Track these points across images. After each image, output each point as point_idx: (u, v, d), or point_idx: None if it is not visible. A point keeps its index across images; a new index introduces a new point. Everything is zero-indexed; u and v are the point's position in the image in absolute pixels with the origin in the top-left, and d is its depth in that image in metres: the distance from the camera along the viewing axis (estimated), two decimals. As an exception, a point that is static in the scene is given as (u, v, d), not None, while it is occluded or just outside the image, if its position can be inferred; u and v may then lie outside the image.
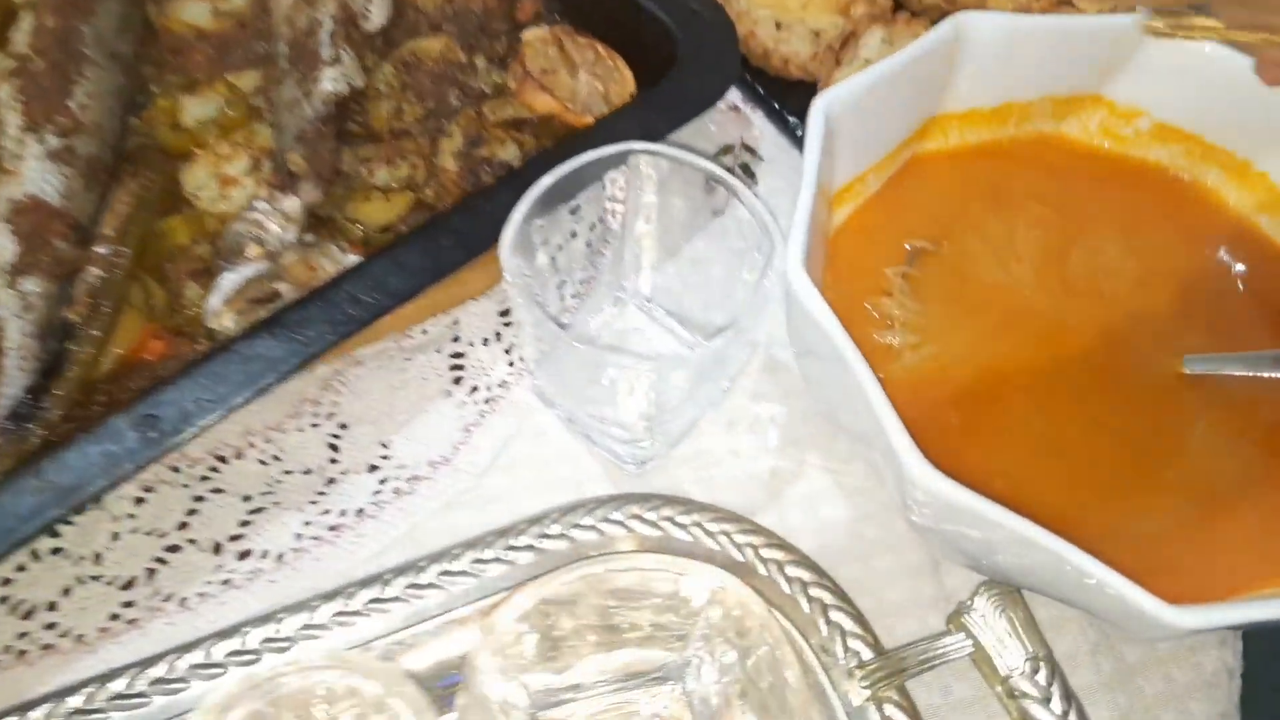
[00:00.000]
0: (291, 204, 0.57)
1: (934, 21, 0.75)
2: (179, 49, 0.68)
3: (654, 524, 0.55)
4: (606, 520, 0.55)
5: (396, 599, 0.52)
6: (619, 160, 0.54)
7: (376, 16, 0.67)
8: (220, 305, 0.53)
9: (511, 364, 0.61)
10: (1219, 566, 0.48)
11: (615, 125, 0.60)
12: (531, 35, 0.67)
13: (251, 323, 0.53)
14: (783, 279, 0.48)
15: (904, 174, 0.61)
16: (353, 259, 0.59)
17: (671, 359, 0.46)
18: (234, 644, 0.49)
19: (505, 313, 0.63)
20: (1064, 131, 0.63)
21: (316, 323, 0.52)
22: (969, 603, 0.48)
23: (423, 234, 0.55)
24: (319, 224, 0.60)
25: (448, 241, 0.55)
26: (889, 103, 0.57)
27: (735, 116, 0.74)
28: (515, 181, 0.57)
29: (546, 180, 0.51)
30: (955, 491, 0.43)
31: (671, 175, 0.55)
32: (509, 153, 0.64)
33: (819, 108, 0.53)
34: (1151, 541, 0.49)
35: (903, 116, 0.59)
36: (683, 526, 0.55)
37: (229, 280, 0.53)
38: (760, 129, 0.74)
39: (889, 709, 0.50)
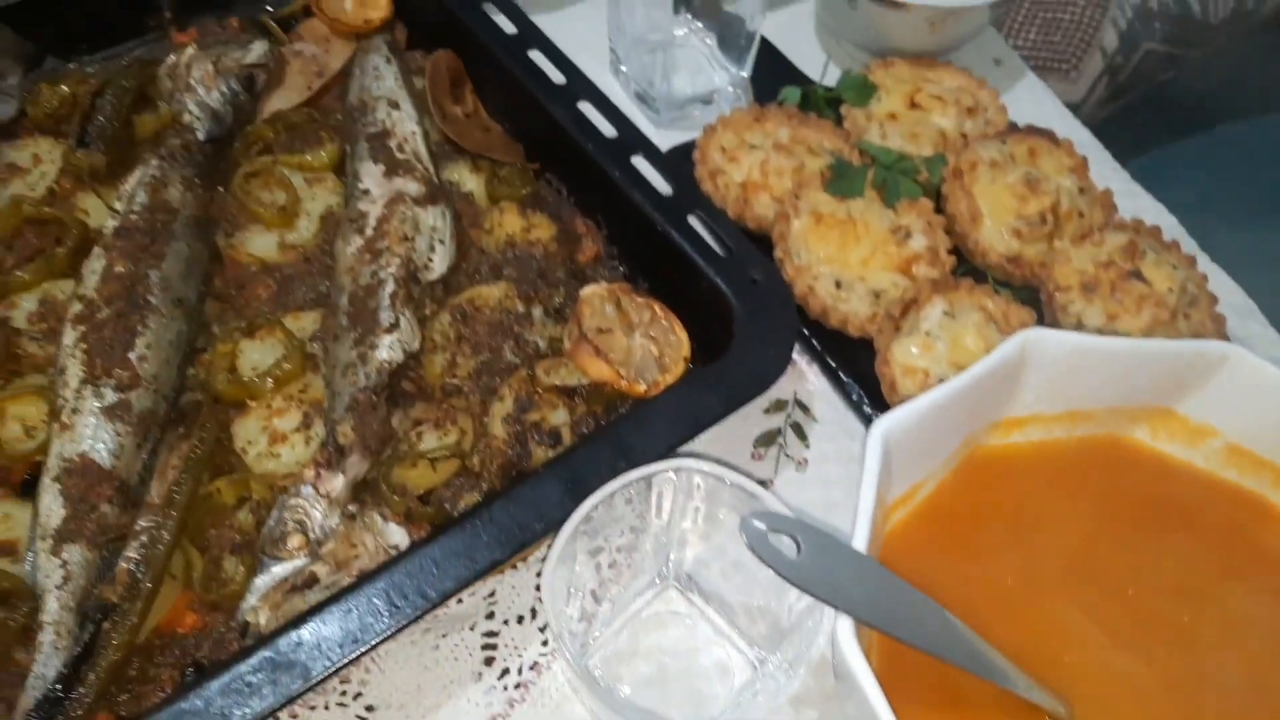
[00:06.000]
0: (337, 485, 0.56)
1: (1000, 285, 0.75)
2: (243, 282, 0.69)
3: None
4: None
5: None
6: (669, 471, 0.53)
7: (439, 265, 0.68)
8: (257, 601, 0.52)
9: (545, 643, 0.60)
10: None
11: (669, 408, 0.60)
12: (590, 293, 0.67)
13: (287, 618, 0.52)
14: (832, 642, 0.46)
15: (962, 473, 0.59)
16: (394, 531, 0.58)
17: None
18: None
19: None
20: (1130, 437, 0.61)
21: (348, 629, 0.51)
22: None
23: (464, 529, 0.54)
24: (361, 487, 0.59)
25: (489, 536, 0.54)
26: (949, 418, 0.55)
27: (790, 370, 0.73)
28: (561, 471, 0.57)
29: (590, 503, 0.50)
30: None
31: (721, 489, 0.54)
32: (558, 417, 0.63)
33: (877, 437, 0.51)
34: None
35: (963, 427, 0.57)
36: None
37: (266, 580, 0.53)
38: (815, 385, 0.73)
39: None
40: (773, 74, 0.91)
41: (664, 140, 0.86)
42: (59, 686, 0.51)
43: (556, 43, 0.78)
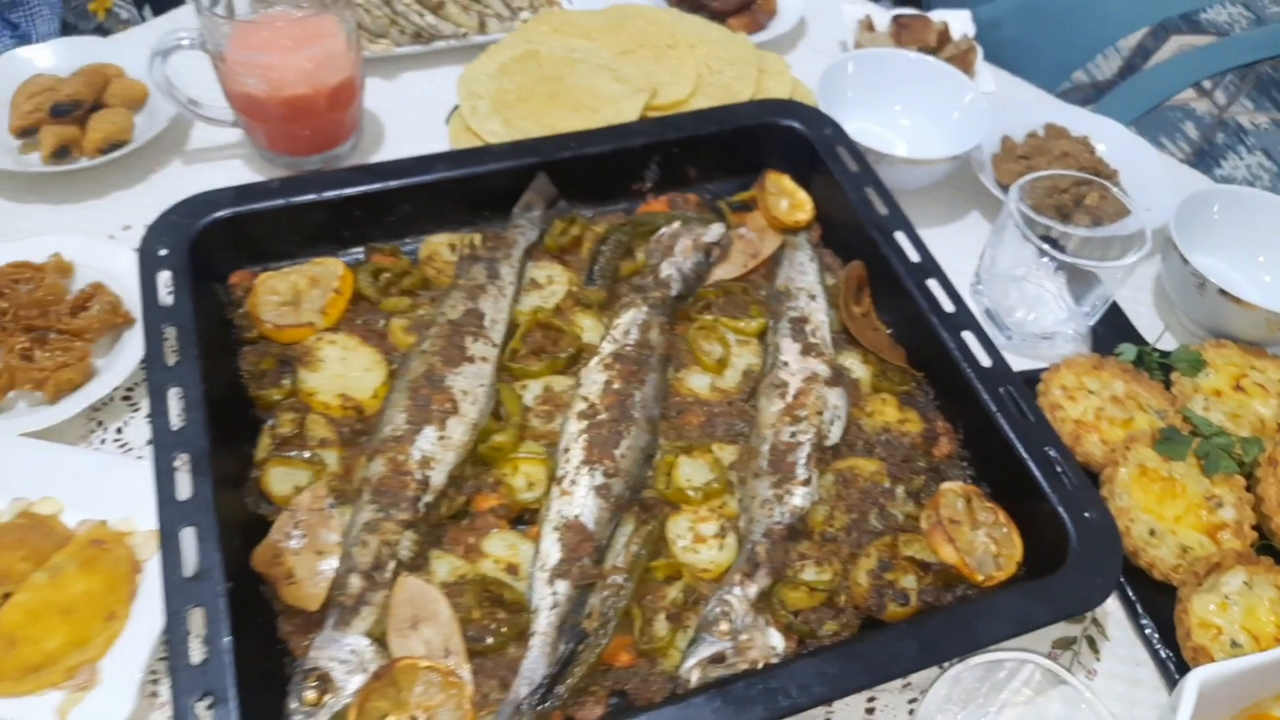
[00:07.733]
0: (753, 591, 0.76)
1: (1294, 569, 0.86)
2: (681, 409, 0.91)
3: None
4: None
5: None
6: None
7: (834, 435, 0.87)
8: (693, 664, 0.72)
9: (864, 756, 0.76)
10: None
11: (1006, 603, 0.76)
12: (949, 487, 0.84)
13: (703, 682, 0.72)
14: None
15: (1244, 731, 0.72)
16: (775, 635, 0.77)
17: None
18: None
19: (871, 710, 0.78)
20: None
21: (757, 703, 0.69)
22: None
23: (845, 654, 0.72)
24: (759, 596, 0.79)
25: (859, 666, 0.72)
26: (1250, 682, 0.68)
27: (1091, 588, 0.87)
28: (917, 632, 0.74)
29: (954, 671, 0.67)
30: None
31: (1054, 683, 0.69)
32: (909, 582, 0.80)
33: (1194, 686, 0.65)
34: None
35: (1255, 691, 0.70)
36: None
37: (703, 650, 0.73)
38: (1111, 608, 0.87)
39: None
40: (1111, 326, 1.07)
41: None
42: (545, 682, 0.72)
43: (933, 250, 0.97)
